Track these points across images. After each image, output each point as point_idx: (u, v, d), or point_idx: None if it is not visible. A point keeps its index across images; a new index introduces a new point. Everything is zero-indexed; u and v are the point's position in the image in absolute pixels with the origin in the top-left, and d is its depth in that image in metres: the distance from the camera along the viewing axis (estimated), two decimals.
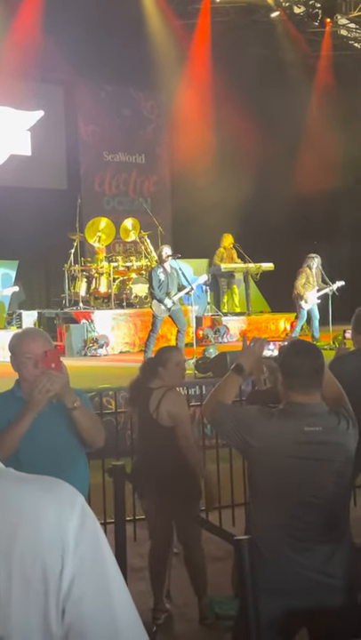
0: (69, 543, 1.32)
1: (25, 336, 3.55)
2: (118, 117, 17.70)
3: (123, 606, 1.37)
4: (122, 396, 7.66)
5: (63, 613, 1.31)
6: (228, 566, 4.42)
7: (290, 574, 3.02)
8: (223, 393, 3.33)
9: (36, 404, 3.27)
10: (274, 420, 3.17)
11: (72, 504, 1.36)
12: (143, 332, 12.89)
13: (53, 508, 1.33)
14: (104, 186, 17.65)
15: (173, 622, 4.83)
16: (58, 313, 14.19)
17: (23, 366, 3.42)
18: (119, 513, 4.12)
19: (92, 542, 1.35)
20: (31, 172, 15.85)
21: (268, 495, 3.14)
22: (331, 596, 3.00)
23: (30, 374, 3.38)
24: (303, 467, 3.05)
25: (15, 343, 3.50)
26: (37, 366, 3.37)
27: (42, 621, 1.30)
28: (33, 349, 3.40)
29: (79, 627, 1.32)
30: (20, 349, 3.44)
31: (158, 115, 18.49)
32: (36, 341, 3.46)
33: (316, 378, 3.15)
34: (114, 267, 14.15)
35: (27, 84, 15.92)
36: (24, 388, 3.44)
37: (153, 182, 18.36)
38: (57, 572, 1.30)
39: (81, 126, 17.27)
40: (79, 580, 1.32)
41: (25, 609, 1.29)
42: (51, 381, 3.26)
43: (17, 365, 3.47)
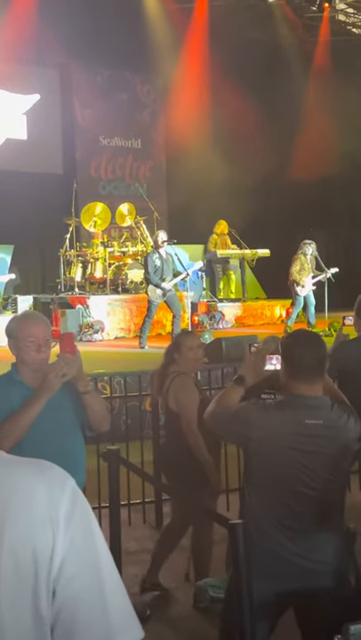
0: (60, 524, 1.32)
1: (27, 320, 3.50)
2: (114, 101, 17.60)
3: (113, 588, 1.37)
4: (117, 381, 7.67)
5: (54, 595, 1.32)
6: (222, 550, 4.44)
7: (279, 560, 3.04)
8: (224, 403, 3.33)
9: (50, 387, 3.25)
10: (273, 410, 3.17)
11: (62, 486, 1.37)
12: (138, 317, 12.89)
13: (44, 490, 1.34)
14: (100, 170, 17.58)
15: (167, 605, 4.85)
16: (53, 298, 14.18)
17: (25, 351, 3.36)
18: (114, 497, 4.13)
19: (83, 523, 1.36)
20: (27, 156, 15.77)
21: (263, 483, 3.15)
22: (320, 582, 3.02)
23: (32, 359, 3.36)
24: (300, 458, 3.05)
25: (16, 327, 3.44)
26: (40, 350, 3.34)
27: (32, 603, 1.30)
28: (35, 333, 3.37)
29: (69, 608, 1.32)
30: (22, 333, 3.38)
31: (155, 99, 18.41)
32: (39, 325, 3.44)
33: (318, 369, 3.14)
34: (109, 252, 14.13)
35: (23, 67, 15.83)
36: (24, 371, 3.41)
37: (149, 167, 18.30)
38: (48, 553, 1.31)
39: (77, 110, 17.19)
40: (70, 561, 1.32)
41: (15, 590, 1.29)
42: (68, 365, 3.26)
43: (17, 349, 3.41)
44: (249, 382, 3.40)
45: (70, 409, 3.42)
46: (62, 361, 3.27)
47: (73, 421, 3.47)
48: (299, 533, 3.06)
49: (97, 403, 3.46)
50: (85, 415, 3.45)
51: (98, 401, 3.48)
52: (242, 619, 2.70)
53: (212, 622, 4.08)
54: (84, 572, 1.34)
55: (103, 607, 1.34)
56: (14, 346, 3.43)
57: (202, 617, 4.62)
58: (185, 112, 16.92)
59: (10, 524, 1.30)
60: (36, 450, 2.75)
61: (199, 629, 4.53)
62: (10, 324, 3.49)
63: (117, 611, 1.36)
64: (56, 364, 3.27)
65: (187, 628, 4.61)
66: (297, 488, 3.06)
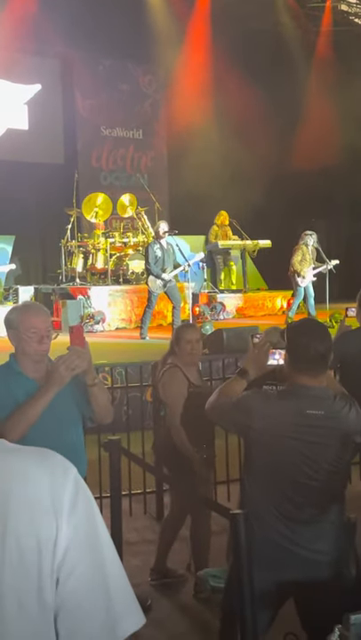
0: (63, 512, 1.33)
1: (28, 311, 3.46)
2: (116, 92, 17.56)
3: (115, 575, 1.39)
4: (118, 371, 7.68)
5: (57, 582, 1.33)
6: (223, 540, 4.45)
7: (279, 550, 3.04)
8: (227, 395, 3.33)
9: (61, 380, 3.22)
10: (274, 400, 3.17)
11: (65, 474, 1.38)
12: (139, 308, 12.89)
13: (47, 479, 1.35)
14: (101, 161, 17.55)
15: (168, 595, 4.87)
16: (54, 288, 14.18)
17: (26, 342, 3.33)
18: (115, 487, 4.14)
19: (86, 511, 1.37)
20: (28, 146, 15.75)
21: (264, 473, 3.16)
22: (320, 572, 3.03)
23: (34, 350, 3.33)
24: (301, 448, 3.05)
25: (17, 318, 3.39)
26: (42, 342, 3.32)
27: (36, 590, 1.31)
28: (37, 325, 3.34)
29: (73, 595, 1.33)
30: (24, 325, 3.34)
31: (156, 90, 18.36)
32: (40, 316, 3.41)
33: (322, 361, 3.13)
34: (110, 243, 14.12)
35: (24, 57, 15.78)
36: (24, 363, 3.38)
37: (150, 158, 18.26)
38: (51, 541, 1.32)
39: (78, 100, 17.14)
40: (73, 549, 1.33)
41: (19, 578, 1.30)
42: (80, 358, 3.24)
43: (18, 340, 3.37)
44: (252, 375, 3.40)
45: (71, 400, 3.39)
46: (74, 354, 3.24)
47: (74, 413, 3.45)
48: (299, 523, 3.07)
49: (103, 395, 3.45)
50: (88, 407, 3.44)
51: (103, 393, 3.48)
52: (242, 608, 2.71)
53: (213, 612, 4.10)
54: (86, 559, 1.35)
55: (106, 594, 1.35)
56: (15, 337, 3.38)
57: (203, 607, 4.64)
58: (186, 103, 16.87)
59: (13, 512, 1.31)
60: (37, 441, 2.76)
61: (200, 619, 4.55)
62: (10, 314, 3.45)
63: (120, 597, 1.37)
64: (67, 357, 3.23)
65: (187, 618, 4.63)
66: (297, 478, 3.07)
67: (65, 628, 1.34)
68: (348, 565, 3.12)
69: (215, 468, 5.26)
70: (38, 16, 14.54)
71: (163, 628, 4.30)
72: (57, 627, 1.34)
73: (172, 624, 4.45)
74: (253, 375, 3.42)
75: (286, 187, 16.47)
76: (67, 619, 1.34)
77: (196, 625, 4.51)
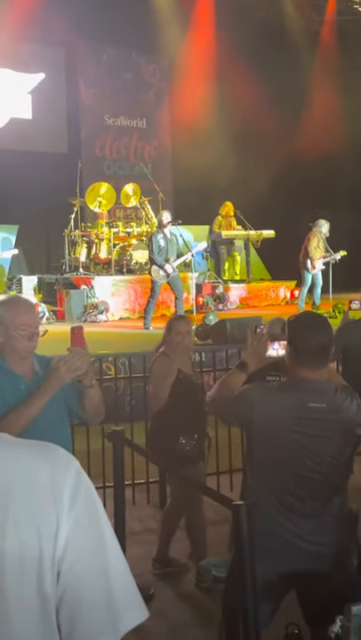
0: (64, 505, 1.34)
1: (18, 307, 3.36)
2: (120, 81, 17.53)
3: (117, 568, 1.39)
4: (121, 362, 7.69)
5: (58, 575, 1.33)
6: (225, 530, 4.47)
7: (280, 541, 3.05)
8: (227, 388, 3.33)
9: (61, 381, 3.19)
10: (276, 393, 3.17)
11: (67, 467, 1.38)
12: (143, 298, 12.88)
13: (48, 472, 1.35)
14: (105, 150, 17.53)
15: (170, 585, 4.90)
16: (58, 278, 14.17)
17: (16, 339, 3.26)
18: (118, 477, 4.16)
19: (88, 504, 1.37)
20: (32, 135, 15.73)
21: (265, 465, 3.16)
22: (321, 564, 3.04)
23: (23, 347, 3.28)
24: (303, 441, 3.05)
25: (6, 314, 3.30)
26: (32, 339, 3.27)
27: (37, 583, 1.32)
28: (28, 321, 3.29)
29: (74, 588, 1.34)
30: (14, 321, 3.27)
31: (160, 79, 18.31)
32: (31, 313, 3.39)
33: (324, 353, 3.11)
34: (114, 232, 14.10)
35: (28, 46, 15.74)
36: (11, 359, 3.31)
37: (154, 147, 18.23)
38: (52, 533, 1.32)
39: (82, 89, 17.11)
40: (74, 542, 1.34)
41: (20, 571, 1.31)
42: (81, 360, 3.20)
43: (6, 337, 3.29)
44: (251, 368, 3.40)
45: (60, 398, 3.32)
46: (75, 355, 3.20)
47: (62, 411, 3.40)
48: (300, 516, 3.07)
49: (97, 396, 3.42)
50: (78, 406, 3.42)
51: (98, 395, 3.43)
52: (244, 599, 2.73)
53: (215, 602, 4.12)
54: (88, 552, 1.35)
55: (107, 588, 1.36)
56: (3, 332, 3.30)
57: (205, 596, 4.66)
58: (190, 92, 16.83)
59: (14, 504, 1.31)
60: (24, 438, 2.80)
61: (202, 609, 4.58)
62: None
63: (122, 591, 1.37)
64: (68, 358, 3.19)
65: (190, 608, 4.66)
66: (299, 471, 3.07)
67: (66, 621, 1.35)
68: (349, 557, 3.13)
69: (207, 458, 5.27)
70: (42, 5, 14.48)
71: (165, 617, 4.32)
72: (58, 620, 1.35)
73: (175, 613, 4.48)
74: (253, 367, 3.41)
75: (290, 177, 16.43)
76: (68, 612, 1.34)
77: (199, 614, 4.53)
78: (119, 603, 1.36)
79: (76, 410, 3.44)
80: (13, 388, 3.26)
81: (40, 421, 3.15)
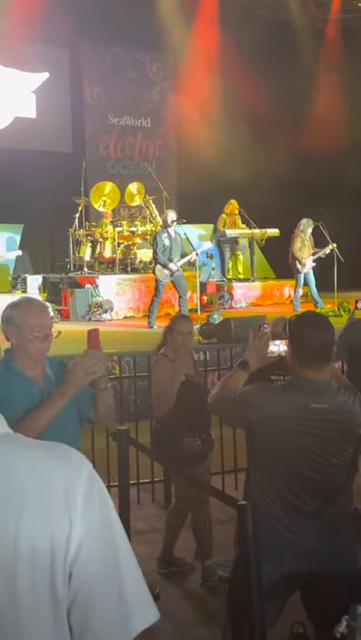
0: (77, 507, 1.33)
1: (31, 308, 3.28)
2: (124, 80, 17.52)
3: (129, 571, 1.39)
4: (126, 361, 7.68)
5: (70, 578, 1.33)
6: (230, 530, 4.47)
7: (284, 542, 3.05)
8: (229, 387, 3.32)
9: (79, 384, 3.13)
10: (278, 394, 3.16)
11: (80, 469, 1.37)
12: (147, 297, 12.88)
13: (61, 473, 1.35)
14: (109, 149, 17.52)
15: (176, 584, 4.90)
16: (62, 277, 14.18)
17: (30, 341, 3.18)
18: (123, 476, 4.15)
19: (100, 507, 1.37)
20: (36, 134, 15.73)
21: (268, 466, 3.15)
22: (326, 564, 3.04)
23: (36, 349, 3.20)
24: (305, 442, 3.04)
25: (20, 316, 3.21)
26: (46, 340, 3.20)
27: (49, 585, 1.32)
28: (42, 323, 3.22)
29: (86, 591, 1.34)
30: (28, 323, 3.19)
31: (164, 78, 18.29)
32: (44, 314, 3.31)
33: (325, 353, 3.11)
34: (118, 231, 14.10)
35: (32, 45, 15.73)
36: (24, 361, 3.22)
37: (158, 146, 18.22)
38: (64, 536, 1.32)
39: (86, 89, 17.10)
40: (87, 545, 1.33)
41: (32, 573, 1.31)
42: (98, 363, 3.16)
43: (19, 339, 3.20)
44: (253, 367, 3.39)
45: (71, 404, 3.25)
46: (92, 358, 3.15)
47: (73, 413, 3.33)
48: (304, 516, 3.07)
49: (110, 399, 3.40)
50: (90, 408, 3.38)
51: (111, 397, 3.41)
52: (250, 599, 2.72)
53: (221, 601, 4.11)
54: (100, 555, 1.35)
55: (119, 590, 1.36)
56: (15, 335, 3.22)
57: (210, 596, 4.66)
58: (194, 90, 16.81)
59: (27, 507, 1.31)
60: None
61: (207, 608, 4.57)
62: (11, 311, 3.26)
63: (133, 593, 1.38)
64: (85, 361, 3.13)
65: (195, 607, 4.65)
66: (302, 471, 3.06)
67: (78, 622, 1.35)
68: (354, 556, 3.12)
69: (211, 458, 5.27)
70: (46, 4, 14.47)
71: (170, 617, 4.32)
72: (70, 621, 1.35)
73: (180, 613, 4.48)
74: (254, 366, 3.41)
75: (295, 175, 16.40)
76: (79, 614, 1.34)
77: (204, 614, 4.53)
78: (131, 604, 1.36)
79: (86, 412, 3.40)
80: (26, 392, 3.19)
81: (52, 424, 3.09)
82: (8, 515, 1.30)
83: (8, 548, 1.29)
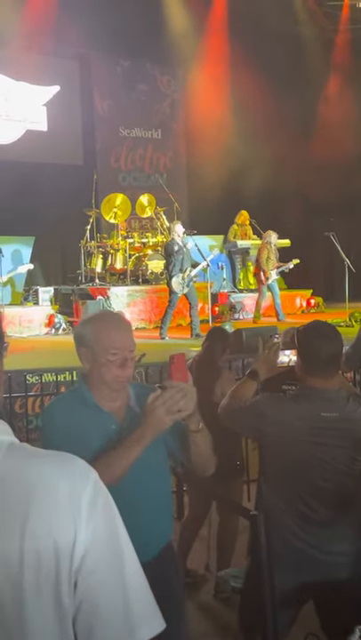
0: (82, 515, 1.34)
1: (107, 324, 2.71)
2: (134, 92, 17.60)
3: (134, 580, 1.39)
4: (138, 372, 7.68)
5: (75, 586, 1.34)
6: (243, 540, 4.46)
7: (295, 552, 3.04)
8: (239, 397, 3.33)
9: (161, 426, 2.49)
10: (288, 404, 3.17)
11: (85, 478, 1.38)
12: (159, 308, 12.91)
13: (66, 481, 1.36)
14: (120, 161, 17.59)
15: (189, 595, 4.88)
16: (74, 289, 14.23)
17: (105, 366, 2.63)
18: None
19: (105, 515, 1.38)
20: (47, 147, 15.81)
21: (278, 476, 3.15)
22: (337, 574, 3.03)
23: (114, 376, 2.64)
24: (315, 451, 3.05)
25: (93, 333, 2.67)
26: (126, 365, 2.64)
27: (54, 594, 1.32)
28: (120, 343, 2.65)
29: (91, 599, 1.34)
30: (102, 343, 2.63)
31: (174, 90, 18.36)
32: (123, 332, 2.71)
33: (334, 362, 3.12)
34: (130, 243, 14.15)
35: (42, 58, 15.84)
36: (100, 391, 2.69)
37: (169, 158, 18.28)
38: (69, 544, 1.32)
39: (97, 101, 17.19)
40: (91, 553, 1.34)
41: (37, 581, 1.31)
42: (185, 398, 2.46)
43: (93, 362, 2.66)
44: (262, 376, 3.40)
45: (161, 444, 2.67)
46: (177, 392, 2.46)
47: (163, 459, 2.78)
48: (315, 525, 3.06)
49: (206, 442, 2.67)
50: (182, 453, 2.75)
51: (207, 440, 2.67)
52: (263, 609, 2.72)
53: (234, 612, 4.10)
54: (105, 563, 1.36)
55: (125, 599, 1.36)
56: (88, 357, 2.68)
57: (223, 607, 4.64)
58: (205, 102, 16.88)
59: (32, 515, 1.32)
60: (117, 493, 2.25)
61: (220, 619, 4.56)
62: (83, 328, 2.73)
63: (139, 602, 1.38)
64: (168, 396, 2.46)
65: (208, 618, 4.64)
66: (313, 481, 3.06)
67: (83, 631, 1.35)
68: None
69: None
70: (57, 17, 14.59)
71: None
72: (75, 630, 1.35)
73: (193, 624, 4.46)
74: (264, 376, 3.42)
75: (306, 186, 16.42)
76: (85, 622, 1.34)
77: (217, 625, 4.51)
78: (136, 614, 1.36)
79: (178, 455, 2.78)
80: (101, 428, 2.65)
81: (138, 473, 2.54)
82: (14, 521, 1.31)
83: (14, 554, 1.30)
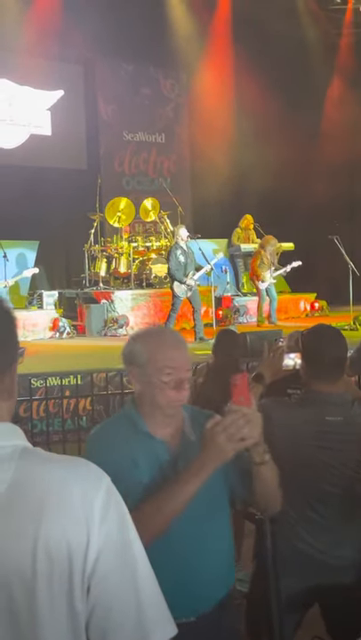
0: (95, 520, 1.35)
1: (161, 341, 2.42)
2: (138, 96, 17.62)
3: (147, 585, 1.39)
4: None
5: (88, 590, 1.34)
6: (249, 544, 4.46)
7: (301, 556, 3.04)
8: None
9: (222, 456, 2.19)
10: (293, 408, 3.16)
11: (98, 482, 1.39)
12: (163, 311, 12.91)
13: (79, 486, 1.36)
14: (124, 166, 17.61)
15: None
16: (78, 293, 14.25)
17: (158, 388, 2.34)
18: None
19: (118, 520, 1.38)
20: (51, 151, 15.83)
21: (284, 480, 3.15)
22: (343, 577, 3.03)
23: (169, 399, 2.35)
24: (321, 455, 3.04)
25: (142, 350, 2.39)
26: (181, 387, 2.35)
27: (67, 598, 1.33)
28: (175, 362, 2.36)
29: (104, 604, 1.35)
30: (155, 362, 2.35)
31: (178, 94, 18.38)
32: (179, 350, 2.41)
33: (338, 366, 3.12)
34: (133, 247, 14.16)
35: (46, 63, 15.87)
36: (153, 416, 2.40)
37: (173, 162, 18.29)
38: (82, 549, 1.33)
39: (101, 106, 17.21)
40: (104, 558, 1.34)
41: (50, 586, 1.32)
42: (249, 425, 2.19)
43: (145, 384, 2.38)
44: (267, 380, 3.40)
45: (219, 477, 2.34)
46: (241, 418, 2.17)
47: (222, 495, 2.48)
48: (322, 529, 3.06)
49: (272, 476, 2.40)
50: (244, 488, 2.45)
51: (273, 473, 2.40)
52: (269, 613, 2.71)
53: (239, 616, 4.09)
54: (118, 568, 1.36)
55: (137, 603, 1.36)
56: (140, 377, 2.40)
57: None
58: (209, 106, 16.90)
59: (45, 521, 1.32)
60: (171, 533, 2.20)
61: None
62: (133, 344, 2.45)
63: (151, 607, 1.38)
64: (230, 422, 2.17)
65: None
66: (319, 485, 3.06)
67: (96, 636, 1.35)
68: None
69: None
70: (60, 22, 14.62)
71: None
72: (88, 634, 1.36)
73: None
74: (269, 380, 3.42)
75: (310, 189, 16.42)
76: (97, 627, 1.35)
77: None
78: (149, 618, 1.37)
79: (239, 491, 2.48)
80: (153, 459, 2.36)
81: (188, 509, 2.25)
82: (28, 526, 1.32)
83: (27, 558, 1.31)
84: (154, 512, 2.18)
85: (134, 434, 2.38)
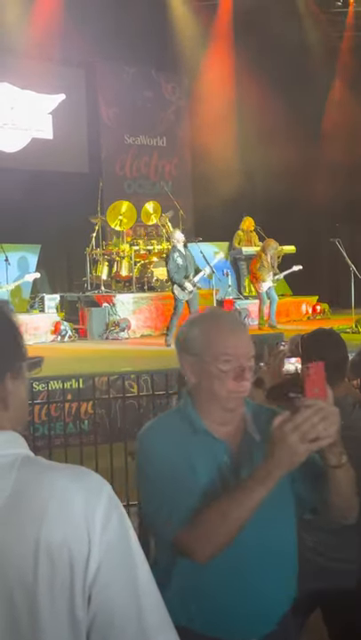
0: (96, 529, 1.34)
1: (219, 326, 2.13)
2: (140, 100, 17.63)
3: (148, 593, 1.39)
4: (143, 379, 7.69)
5: (89, 599, 1.34)
6: None
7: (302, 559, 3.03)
8: None
9: (291, 458, 1.90)
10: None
11: (99, 492, 1.38)
12: (164, 315, 12.91)
13: (81, 495, 1.36)
14: (125, 169, 17.61)
15: None
16: (80, 296, 14.25)
17: (217, 378, 2.07)
18: None
19: (119, 529, 1.38)
20: (53, 155, 15.85)
21: None
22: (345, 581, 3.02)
23: (228, 390, 2.08)
24: None
25: (198, 336, 2.12)
26: (243, 377, 2.07)
27: (68, 607, 1.32)
28: (235, 349, 2.08)
29: (105, 613, 1.34)
30: (213, 348, 2.07)
31: (180, 97, 18.40)
32: (239, 335, 2.13)
33: (339, 369, 3.11)
34: (135, 250, 14.17)
35: (48, 66, 15.89)
36: (210, 412, 2.12)
37: (174, 165, 18.30)
38: (83, 558, 1.33)
39: (102, 109, 17.23)
40: (106, 567, 1.34)
41: (52, 594, 1.31)
42: (326, 422, 1.90)
43: (201, 374, 2.11)
44: (268, 384, 3.40)
45: (286, 483, 2.07)
46: (315, 414, 1.90)
47: (287, 502, 2.19)
48: (322, 532, 3.05)
49: (348, 480, 2.07)
50: (315, 494, 2.17)
51: (349, 477, 2.07)
52: None
53: None
54: (119, 577, 1.36)
55: (139, 612, 1.36)
56: (195, 368, 2.12)
57: None
58: (210, 109, 16.90)
59: (46, 526, 1.32)
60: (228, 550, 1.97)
61: None
62: (188, 330, 2.19)
63: (153, 615, 1.38)
64: (302, 419, 1.89)
65: None
66: None
67: None
68: None
69: None
70: (62, 26, 14.64)
71: None
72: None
73: None
74: (269, 383, 3.42)
75: (311, 192, 16.42)
76: (98, 636, 1.34)
77: None
78: (150, 627, 1.37)
79: (310, 497, 2.20)
80: (210, 461, 2.09)
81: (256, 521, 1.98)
82: (29, 535, 1.32)
83: (28, 561, 1.30)
84: (218, 520, 1.94)
85: (190, 432, 2.11)
